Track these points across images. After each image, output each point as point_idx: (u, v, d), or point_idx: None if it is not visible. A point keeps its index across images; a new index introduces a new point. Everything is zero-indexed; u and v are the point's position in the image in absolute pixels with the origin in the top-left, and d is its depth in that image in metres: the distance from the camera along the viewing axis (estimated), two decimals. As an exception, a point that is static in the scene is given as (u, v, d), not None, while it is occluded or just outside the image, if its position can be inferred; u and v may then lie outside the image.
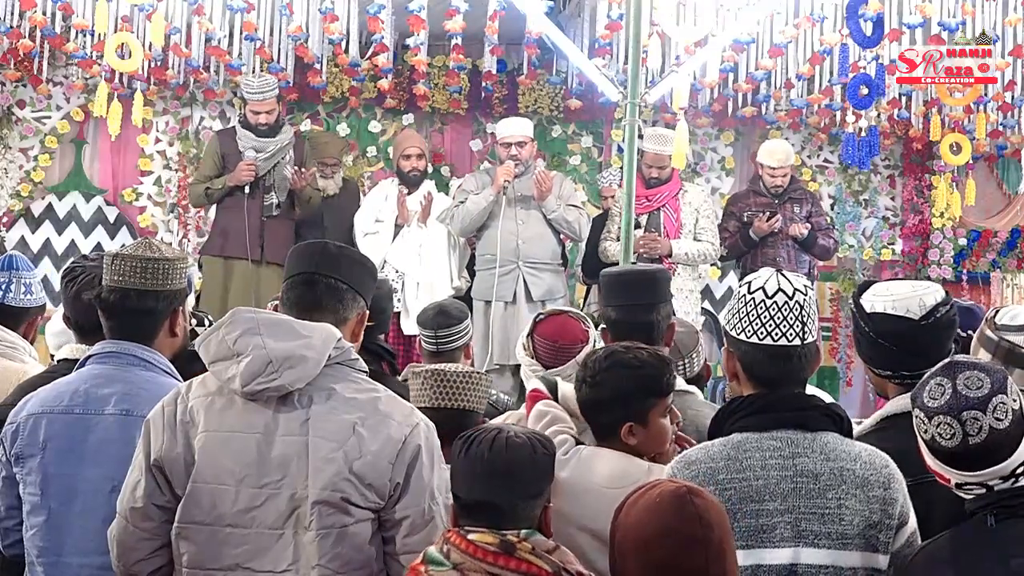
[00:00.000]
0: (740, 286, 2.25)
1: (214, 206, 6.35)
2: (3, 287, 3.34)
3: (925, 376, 2.02)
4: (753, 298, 2.18)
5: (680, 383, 2.90)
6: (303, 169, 6.13)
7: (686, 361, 3.20)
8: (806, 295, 2.18)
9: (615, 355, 2.46)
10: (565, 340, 3.03)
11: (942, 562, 1.99)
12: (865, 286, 2.49)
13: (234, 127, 6.29)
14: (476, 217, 5.97)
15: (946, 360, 2.02)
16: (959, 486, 1.99)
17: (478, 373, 2.81)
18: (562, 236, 6.11)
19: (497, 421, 2.96)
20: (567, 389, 2.73)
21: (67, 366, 2.70)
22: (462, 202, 6.03)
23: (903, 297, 2.39)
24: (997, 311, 2.61)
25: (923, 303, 2.37)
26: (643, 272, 3.11)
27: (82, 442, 2.43)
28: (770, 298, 2.16)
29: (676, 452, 2.45)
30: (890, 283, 2.47)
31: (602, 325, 3.03)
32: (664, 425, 2.46)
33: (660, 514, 1.84)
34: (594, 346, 3.12)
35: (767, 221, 6.32)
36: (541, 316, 3.12)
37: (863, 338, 2.45)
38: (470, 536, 1.96)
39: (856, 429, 2.45)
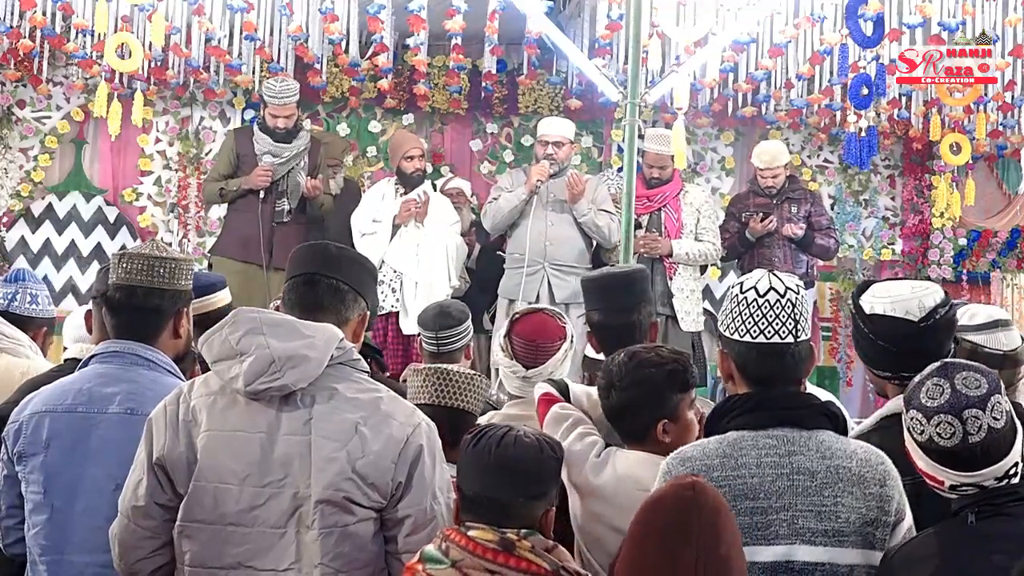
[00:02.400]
0: (732, 286, 2.26)
1: (222, 206, 6.35)
2: (10, 296, 3.48)
3: (917, 379, 2.02)
4: (745, 297, 2.19)
5: None
6: (315, 177, 6.12)
7: None
8: (798, 294, 2.19)
9: (639, 355, 2.50)
10: (543, 338, 3.03)
11: (923, 558, 1.99)
12: (864, 287, 2.49)
13: (252, 127, 6.27)
14: (507, 215, 5.97)
15: (938, 362, 2.02)
16: (953, 487, 2.00)
17: (478, 375, 2.82)
18: (593, 240, 6.10)
19: (482, 420, 2.96)
20: (579, 390, 2.73)
21: (74, 365, 2.71)
22: (496, 199, 6.04)
23: (903, 299, 2.39)
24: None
25: (923, 304, 2.37)
26: (620, 274, 3.11)
27: (85, 441, 2.44)
28: (761, 297, 2.17)
29: None
30: (889, 284, 2.47)
31: (587, 328, 3.04)
32: (692, 419, 2.50)
33: (660, 490, 1.88)
34: (572, 343, 3.13)
35: (761, 222, 6.33)
36: (517, 316, 3.11)
37: (863, 339, 2.45)
38: (470, 533, 1.97)
39: (855, 429, 2.45)
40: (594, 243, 6.16)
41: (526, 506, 2.01)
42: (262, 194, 5.99)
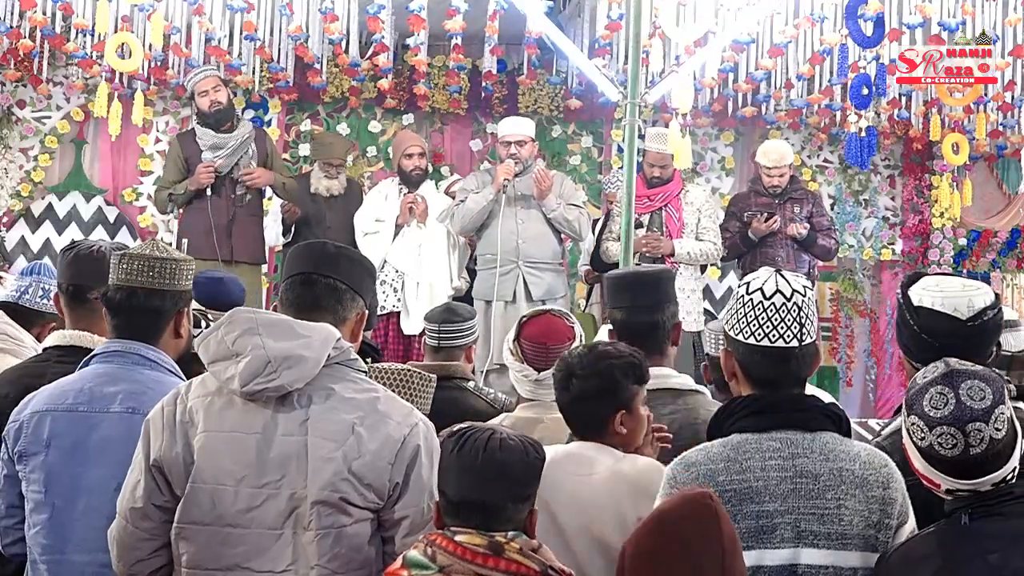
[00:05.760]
0: (739, 286, 2.24)
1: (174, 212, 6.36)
2: (22, 290, 3.45)
3: (920, 381, 2.01)
4: (751, 299, 2.18)
5: (690, 382, 2.91)
6: (268, 166, 6.12)
7: None
8: (805, 296, 2.17)
9: (598, 347, 2.52)
10: (553, 341, 3.02)
11: (919, 559, 1.99)
12: (915, 277, 2.46)
13: (193, 129, 6.26)
14: (476, 216, 5.97)
15: (943, 368, 2.00)
16: (949, 491, 1.99)
17: (418, 373, 2.79)
18: (563, 235, 6.11)
19: (493, 422, 2.96)
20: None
21: (54, 353, 2.74)
22: (462, 201, 6.03)
23: (952, 295, 2.35)
24: None
25: (972, 304, 2.34)
26: (646, 273, 3.11)
27: (86, 440, 2.43)
28: (768, 299, 2.16)
29: (654, 444, 2.53)
30: (941, 278, 2.44)
31: (608, 326, 3.04)
32: (644, 413, 2.51)
33: (675, 500, 1.90)
34: (581, 343, 3.12)
35: (765, 222, 6.33)
36: (525, 318, 3.11)
37: (906, 329, 2.42)
38: (457, 538, 1.96)
39: (890, 427, 2.43)
40: (563, 238, 6.16)
41: (513, 508, 2.00)
42: (210, 191, 5.97)
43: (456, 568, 1.93)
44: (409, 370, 2.78)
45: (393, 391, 2.70)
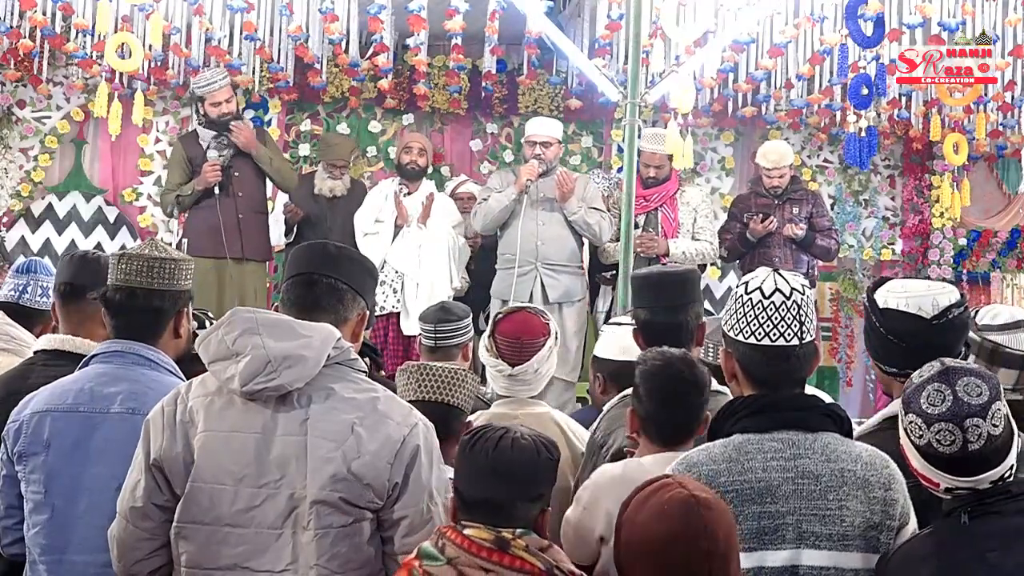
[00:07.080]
0: (737, 286, 2.25)
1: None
2: (20, 288, 3.41)
3: (917, 380, 2.02)
4: (750, 298, 2.18)
5: (713, 383, 2.92)
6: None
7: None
8: (803, 295, 2.18)
9: (687, 357, 2.58)
10: (527, 335, 3.06)
11: (919, 559, 2.00)
12: (881, 281, 2.48)
13: (195, 130, 6.27)
14: (497, 215, 5.96)
15: (939, 365, 2.01)
16: (948, 490, 2.00)
17: (464, 371, 2.81)
18: (583, 238, 6.10)
19: (470, 419, 2.97)
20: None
21: (44, 357, 2.74)
22: (485, 199, 6.04)
23: (917, 295, 2.37)
24: (977, 311, 2.62)
25: (936, 303, 2.35)
26: (671, 273, 3.12)
27: (87, 440, 2.44)
28: (767, 298, 2.16)
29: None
30: (906, 280, 2.46)
31: (634, 326, 3.04)
32: None
33: (668, 523, 1.83)
34: (557, 339, 3.14)
35: (761, 222, 6.34)
36: (500, 315, 3.14)
37: (873, 333, 2.44)
38: (466, 532, 1.98)
39: (857, 430, 2.45)
40: (585, 242, 6.16)
41: (524, 507, 2.02)
42: (217, 189, 5.98)
43: (463, 560, 1.95)
44: (462, 369, 2.79)
45: (446, 390, 2.71)
